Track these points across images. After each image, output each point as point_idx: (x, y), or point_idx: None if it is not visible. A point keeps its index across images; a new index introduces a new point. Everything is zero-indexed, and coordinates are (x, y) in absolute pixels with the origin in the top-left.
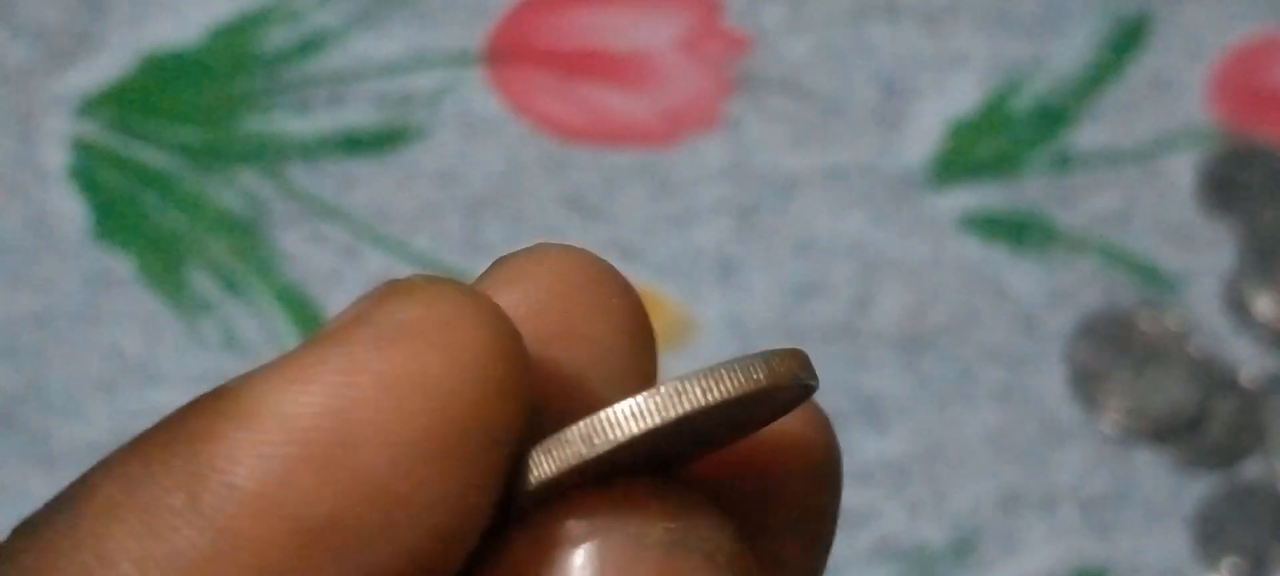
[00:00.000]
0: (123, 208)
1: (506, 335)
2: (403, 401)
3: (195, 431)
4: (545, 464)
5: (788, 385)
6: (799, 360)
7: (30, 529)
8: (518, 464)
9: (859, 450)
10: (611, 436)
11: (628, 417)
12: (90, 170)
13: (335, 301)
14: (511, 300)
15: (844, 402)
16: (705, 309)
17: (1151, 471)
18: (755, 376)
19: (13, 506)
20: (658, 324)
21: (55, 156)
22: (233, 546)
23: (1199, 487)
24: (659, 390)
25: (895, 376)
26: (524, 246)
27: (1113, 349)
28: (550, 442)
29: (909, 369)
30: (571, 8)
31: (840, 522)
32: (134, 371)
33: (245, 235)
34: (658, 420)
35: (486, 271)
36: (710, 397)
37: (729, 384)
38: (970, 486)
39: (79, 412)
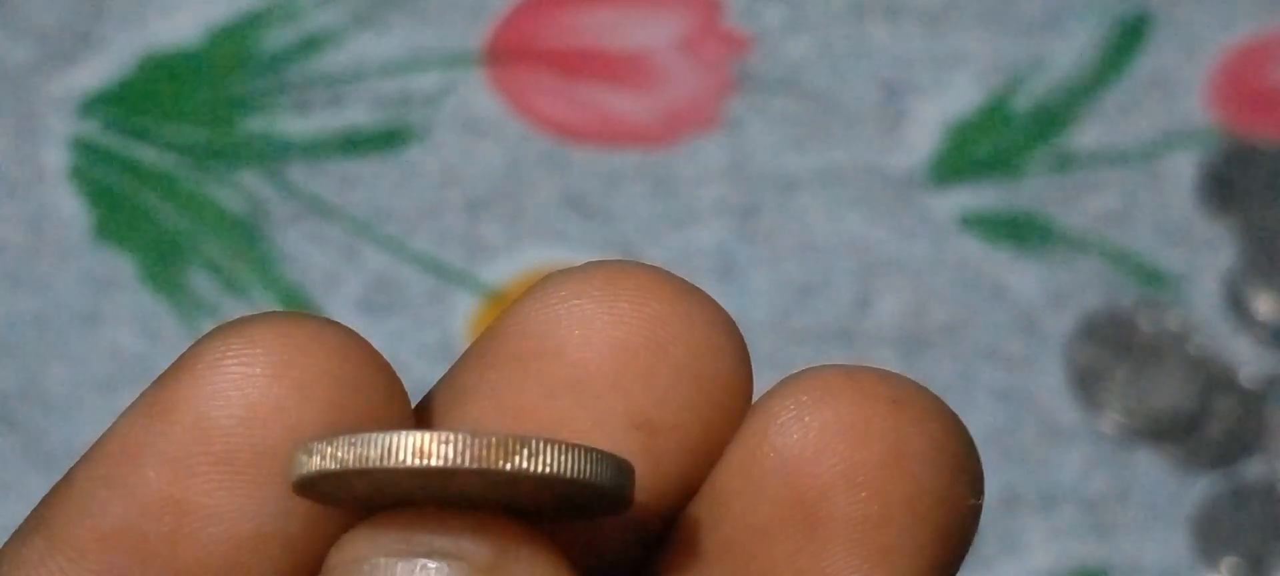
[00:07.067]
0: (123, 208)
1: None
2: (180, 425)
3: None
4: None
5: (600, 486)
6: (620, 469)
7: None
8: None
9: None
10: (394, 458)
11: (413, 446)
12: (90, 170)
13: (335, 301)
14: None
15: None
16: None
17: (1151, 471)
18: (578, 464)
19: (13, 506)
20: None
21: (55, 156)
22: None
23: (1199, 487)
24: (490, 436)
25: None
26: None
27: (1113, 349)
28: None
29: (909, 369)
30: (571, 8)
31: None
32: (134, 371)
33: (245, 235)
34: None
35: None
36: (508, 464)
37: (546, 461)
38: None
39: (79, 412)
